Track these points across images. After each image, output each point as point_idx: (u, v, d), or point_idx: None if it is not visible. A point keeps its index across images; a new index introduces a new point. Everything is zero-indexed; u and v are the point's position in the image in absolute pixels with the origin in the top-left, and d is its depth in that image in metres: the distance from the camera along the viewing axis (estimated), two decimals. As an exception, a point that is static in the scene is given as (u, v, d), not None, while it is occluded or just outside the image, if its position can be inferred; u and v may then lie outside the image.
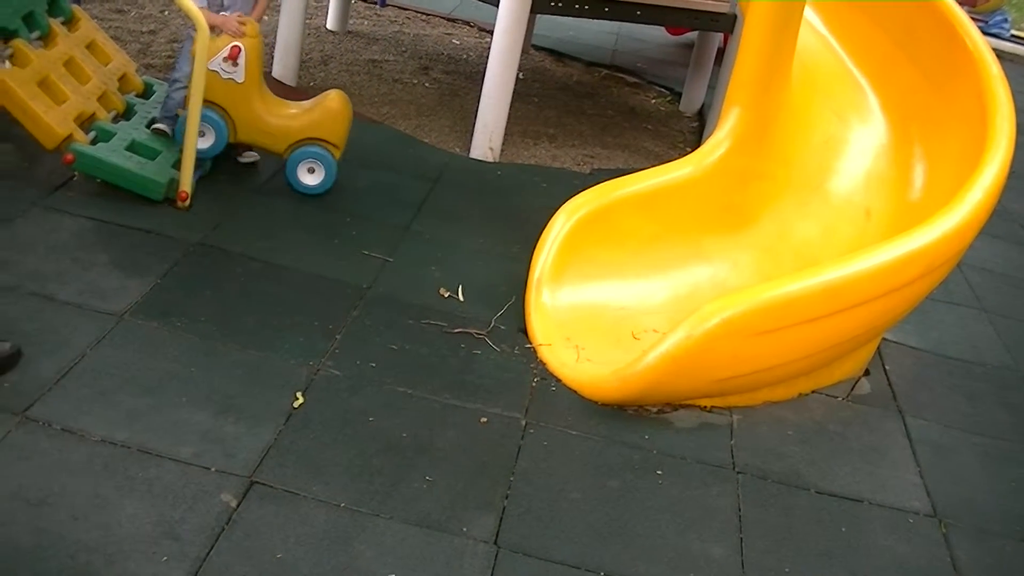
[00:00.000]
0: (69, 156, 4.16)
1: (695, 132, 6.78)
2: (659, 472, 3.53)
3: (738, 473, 3.61)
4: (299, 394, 3.47)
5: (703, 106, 7.08)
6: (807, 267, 4.10)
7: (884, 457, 3.88)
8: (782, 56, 4.45)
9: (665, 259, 4.39)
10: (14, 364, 3.32)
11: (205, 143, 4.57)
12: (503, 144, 5.62)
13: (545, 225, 4.36)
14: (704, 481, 3.54)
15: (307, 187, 4.83)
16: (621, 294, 4.28)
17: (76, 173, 4.33)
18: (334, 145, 4.77)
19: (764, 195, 4.50)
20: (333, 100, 4.73)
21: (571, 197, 4.35)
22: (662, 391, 3.78)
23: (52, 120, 4.14)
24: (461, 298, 4.22)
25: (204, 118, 4.46)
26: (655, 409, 3.85)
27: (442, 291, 4.24)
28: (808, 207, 4.54)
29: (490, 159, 5.46)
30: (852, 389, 4.27)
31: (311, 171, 4.80)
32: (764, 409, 4.01)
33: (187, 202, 4.32)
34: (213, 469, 3.08)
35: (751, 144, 4.44)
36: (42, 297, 3.65)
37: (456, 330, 4.01)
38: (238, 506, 2.98)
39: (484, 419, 3.58)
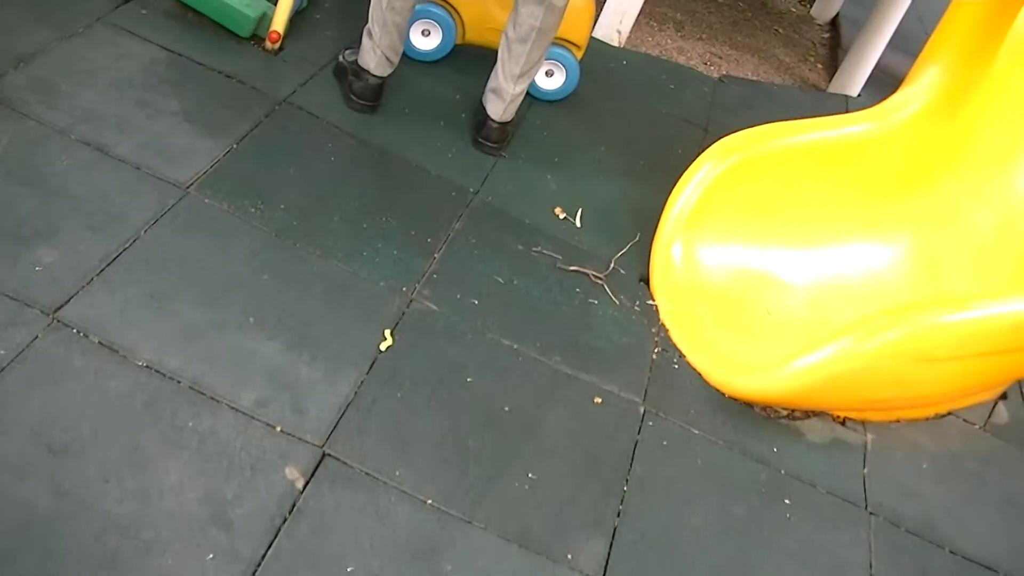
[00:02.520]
0: (148, -35, 3.39)
1: (826, 45, 6.01)
2: (787, 501, 2.97)
3: (871, 514, 3.05)
4: (388, 332, 2.83)
5: (837, 15, 6.27)
6: (974, 264, 3.58)
7: (1022, 513, 3.31)
8: (1002, 17, 3.67)
9: (815, 227, 3.73)
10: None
11: (430, 44, 3.94)
12: (628, 26, 4.85)
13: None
14: (835, 522, 2.98)
15: (545, 92, 4.14)
16: (760, 260, 3.64)
17: (152, -14, 3.56)
18: (576, 45, 4.03)
19: (937, 169, 3.79)
20: None
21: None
22: (806, 400, 3.22)
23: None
24: (578, 224, 3.57)
25: (428, 15, 3.84)
26: (785, 412, 3.26)
27: (558, 211, 3.57)
28: (984, 192, 3.83)
29: (616, 43, 4.73)
30: (989, 416, 3.70)
31: (549, 74, 4.10)
32: (899, 430, 3.44)
33: (278, 44, 3.58)
34: (279, 428, 2.46)
35: (942, 111, 3.71)
36: (95, 148, 2.96)
37: (571, 268, 3.37)
38: (305, 487, 2.36)
39: (599, 399, 2.99)
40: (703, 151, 3.64)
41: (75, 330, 2.45)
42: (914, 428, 3.49)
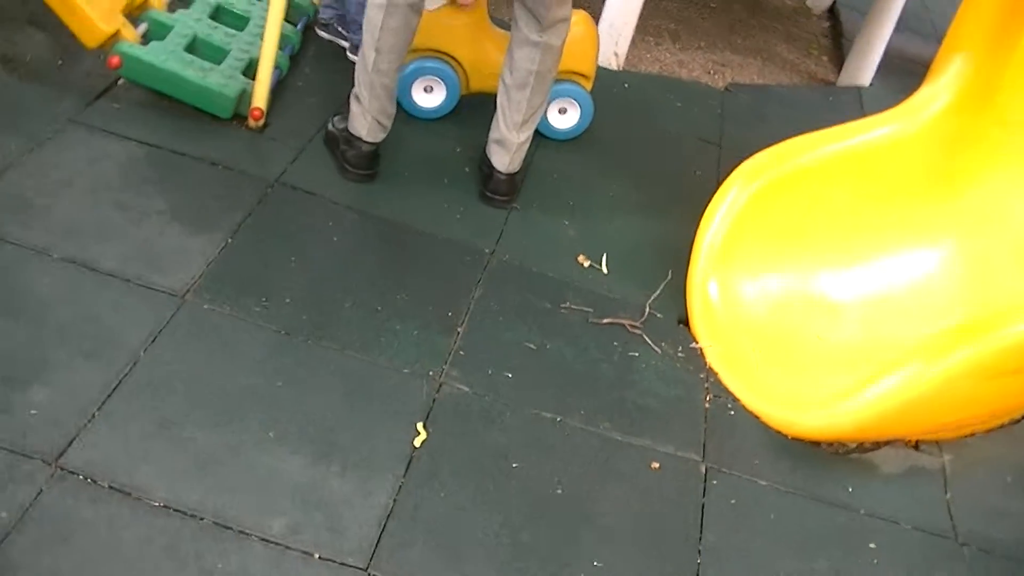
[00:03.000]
0: (115, 59, 3.19)
1: (827, 36, 5.77)
2: (872, 545, 2.74)
3: (962, 545, 2.82)
4: (420, 425, 2.60)
5: (834, 3, 6.04)
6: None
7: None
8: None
9: (855, 242, 3.50)
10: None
11: (434, 100, 3.72)
12: (621, 44, 4.65)
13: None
14: (926, 559, 2.75)
15: (560, 132, 3.90)
16: (803, 283, 3.41)
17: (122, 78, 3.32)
18: (584, 76, 3.79)
19: (975, 164, 3.55)
20: (579, 25, 3.70)
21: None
22: (876, 432, 2.99)
23: (95, 12, 3.13)
24: (605, 270, 3.34)
25: (428, 71, 3.62)
26: (853, 445, 3.00)
27: (581, 259, 3.34)
28: (1026, 182, 3.57)
29: (614, 67, 4.50)
30: (1063, 417, 3.42)
31: (562, 112, 3.86)
32: (975, 444, 3.20)
33: (261, 121, 3.34)
34: (316, 555, 2.23)
35: (972, 101, 3.45)
36: (80, 265, 2.73)
37: (605, 321, 3.12)
38: (354, 619, 2.10)
39: (655, 464, 2.75)
40: (723, 174, 3.41)
41: (81, 476, 2.23)
42: (990, 440, 3.27)
